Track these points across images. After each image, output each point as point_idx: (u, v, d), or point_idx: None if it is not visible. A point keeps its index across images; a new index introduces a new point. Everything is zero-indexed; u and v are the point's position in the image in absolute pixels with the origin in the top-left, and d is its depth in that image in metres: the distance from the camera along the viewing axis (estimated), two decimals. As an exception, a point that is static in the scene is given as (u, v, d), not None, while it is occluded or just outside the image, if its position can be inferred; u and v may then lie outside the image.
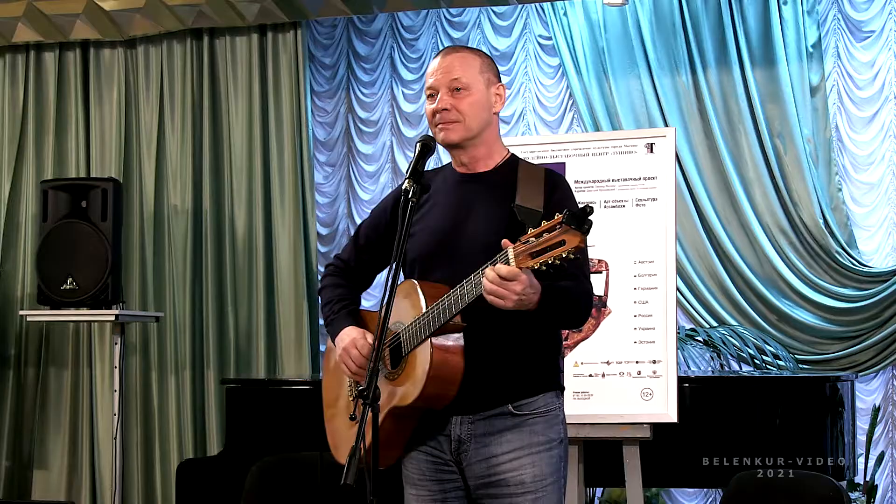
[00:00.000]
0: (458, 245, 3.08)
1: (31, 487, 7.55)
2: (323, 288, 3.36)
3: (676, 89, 7.12)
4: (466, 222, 3.10)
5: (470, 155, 3.17)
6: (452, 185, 3.18)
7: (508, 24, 7.60)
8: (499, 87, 3.19)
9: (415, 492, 3.14)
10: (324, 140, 7.80)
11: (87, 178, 7.29)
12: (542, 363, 3.10)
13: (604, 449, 4.77)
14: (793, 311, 6.86)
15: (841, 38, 6.94)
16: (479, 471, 3.05)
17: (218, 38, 7.59)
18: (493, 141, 3.19)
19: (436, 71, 3.15)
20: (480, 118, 3.13)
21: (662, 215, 4.59)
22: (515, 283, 2.78)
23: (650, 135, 4.87)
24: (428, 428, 3.09)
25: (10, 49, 7.79)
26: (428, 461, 3.11)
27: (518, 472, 3.02)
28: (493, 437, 3.04)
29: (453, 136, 3.13)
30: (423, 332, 2.97)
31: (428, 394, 2.97)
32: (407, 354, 3.02)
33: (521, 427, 3.04)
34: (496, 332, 2.96)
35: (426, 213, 3.15)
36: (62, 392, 7.58)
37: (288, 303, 7.29)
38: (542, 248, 2.69)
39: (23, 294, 7.61)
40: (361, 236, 3.35)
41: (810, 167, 6.82)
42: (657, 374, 4.51)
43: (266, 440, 5.66)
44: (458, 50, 3.22)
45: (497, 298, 2.80)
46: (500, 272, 2.77)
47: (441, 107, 3.11)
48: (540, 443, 3.05)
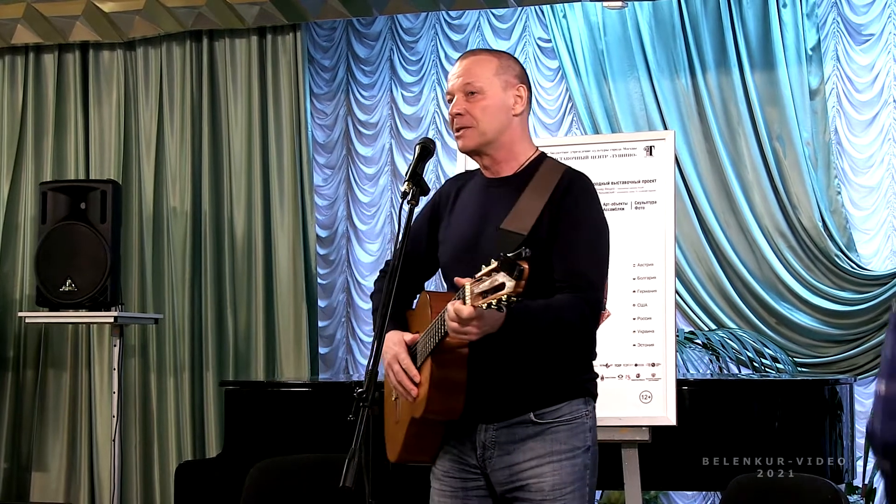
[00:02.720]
0: (475, 253, 3.02)
1: (29, 489, 7.55)
2: (374, 293, 3.36)
3: (676, 92, 7.13)
4: (485, 230, 3.07)
5: (491, 159, 3.14)
6: (479, 191, 3.17)
7: (508, 27, 7.60)
8: (519, 87, 3.13)
9: (438, 486, 3.16)
10: (323, 142, 7.80)
11: (87, 180, 7.29)
12: (565, 372, 3.07)
13: (602, 452, 4.73)
14: (792, 315, 6.86)
15: (840, 42, 6.94)
16: (502, 477, 3.05)
17: (217, 41, 7.60)
18: (513, 143, 3.13)
19: (454, 75, 3.13)
20: (495, 122, 3.09)
21: (661, 218, 4.58)
22: (474, 322, 2.76)
23: (649, 138, 4.87)
24: (456, 432, 3.10)
25: (10, 51, 7.79)
26: (453, 461, 3.12)
27: (539, 479, 3.01)
28: (515, 444, 3.04)
29: (469, 143, 3.11)
30: (428, 349, 2.97)
31: (433, 409, 2.98)
32: (419, 368, 3.03)
33: (544, 435, 3.03)
34: (504, 343, 2.91)
35: (455, 219, 3.15)
36: (61, 394, 7.58)
37: (287, 305, 7.29)
38: (486, 289, 2.64)
39: (22, 296, 7.61)
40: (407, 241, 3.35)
41: (809, 170, 6.83)
42: (656, 376, 4.50)
43: (265, 442, 5.65)
44: (476, 53, 3.20)
45: (460, 335, 2.80)
46: (460, 314, 2.74)
47: (455, 111, 3.10)
48: (562, 451, 3.03)
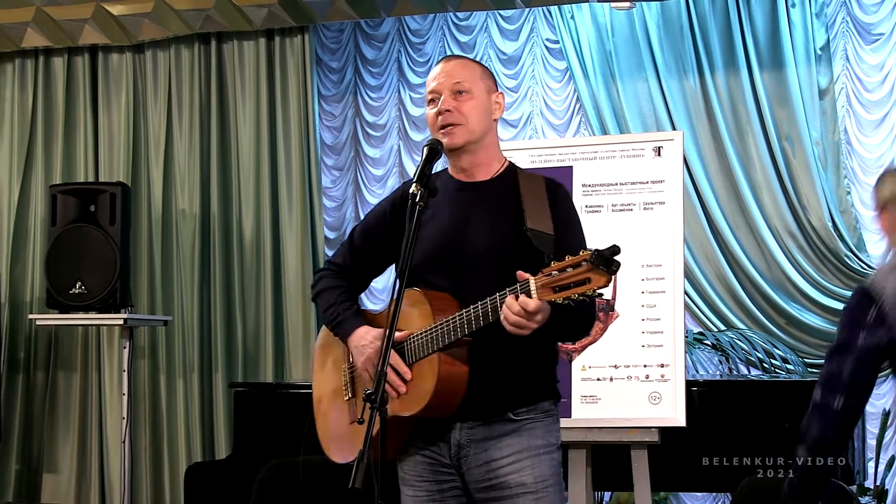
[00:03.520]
0: (460, 254, 3.07)
1: (40, 491, 7.57)
2: (321, 291, 3.33)
3: (684, 92, 7.11)
4: (467, 232, 3.10)
5: (471, 160, 3.17)
6: (452, 193, 3.17)
7: (515, 28, 7.59)
8: (498, 94, 3.22)
9: (412, 492, 3.15)
10: (331, 144, 7.80)
11: (96, 183, 7.30)
12: (540, 373, 3.12)
13: (612, 453, 4.76)
14: (801, 315, 6.84)
15: (850, 41, 6.93)
16: (478, 475, 3.06)
17: (225, 43, 7.61)
18: (492, 147, 3.21)
19: (438, 75, 3.17)
20: (482, 122, 3.15)
21: (670, 219, 4.57)
22: (538, 315, 2.78)
23: (658, 138, 4.87)
24: (427, 432, 3.10)
25: (20, 54, 7.81)
26: (425, 463, 3.12)
27: (518, 474, 3.03)
28: (492, 441, 3.05)
29: (458, 140, 3.13)
30: (430, 346, 2.97)
31: (431, 406, 2.98)
32: (411, 365, 3.02)
33: (521, 431, 3.06)
34: (498, 344, 2.94)
35: (427, 220, 3.12)
36: (71, 396, 7.59)
37: (295, 306, 7.29)
38: (565, 283, 2.64)
39: (32, 298, 7.62)
40: (356, 240, 3.33)
41: (819, 170, 6.81)
42: (665, 377, 4.50)
43: (274, 444, 5.66)
44: (458, 57, 3.30)
45: (518, 329, 2.81)
46: (527, 307, 2.75)
47: (444, 108, 3.11)
48: (539, 446, 3.07)
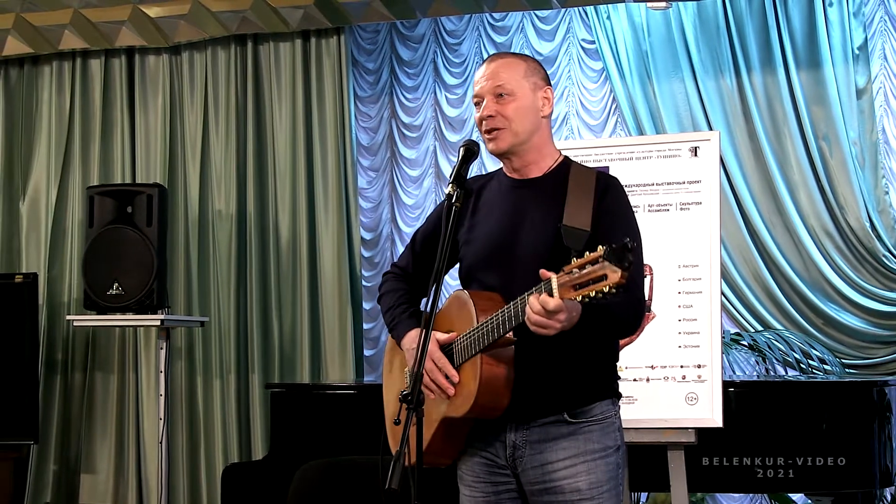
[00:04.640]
0: (511, 253, 3.06)
1: (78, 491, 7.61)
2: (382, 294, 3.36)
3: (720, 92, 7.08)
4: (519, 230, 3.08)
5: (521, 161, 3.15)
6: (505, 192, 3.17)
7: (552, 29, 7.58)
8: (546, 90, 3.17)
9: (469, 493, 3.15)
10: (367, 145, 7.82)
11: (133, 184, 7.34)
12: (597, 371, 3.09)
13: (648, 453, 4.74)
14: (839, 315, 6.80)
15: (888, 40, 6.87)
16: (533, 477, 3.05)
17: (262, 44, 7.63)
18: (542, 145, 3.17)
19: (481, 78, 3.15)
20: (527, 123, 3.12)
21: (707, 219, 4.56)
22: (560, 314, 2.75)
23: (694, 138, 4.85)
24: (484, 432, 3.09)
25: (57, 56, 7.87)
26: (482, 464, 3.12)
27: (573, 479, 3.01)
28: (548, 443, 3.04)
29: (502, 145, 3.12)
30: (474, 347, 2.96)
31: (479, 406, 2.97)
32: (459, 367, 3.02)
33: (577, 434, 3.03)
34: (550, 342, 2.90)
35: (481, 219, 3.14)
36: (108, 396, 7.63)
37: (332, 307, 7.30)
38: (584, 280, 2.62)
39: (69, 299, 7.67)
40: (418, 243, 3.35)
41: (856, 170, 6.77)
42: (702, 378, 4.48)
43: (311, 445, 5.67)
44: (502, 56, 3.22)
45: (541, 329, 2.79)
46: (546, 305, 2.72)
47: (486, 113, 3.10)
48: (595, 450, 3.04)
